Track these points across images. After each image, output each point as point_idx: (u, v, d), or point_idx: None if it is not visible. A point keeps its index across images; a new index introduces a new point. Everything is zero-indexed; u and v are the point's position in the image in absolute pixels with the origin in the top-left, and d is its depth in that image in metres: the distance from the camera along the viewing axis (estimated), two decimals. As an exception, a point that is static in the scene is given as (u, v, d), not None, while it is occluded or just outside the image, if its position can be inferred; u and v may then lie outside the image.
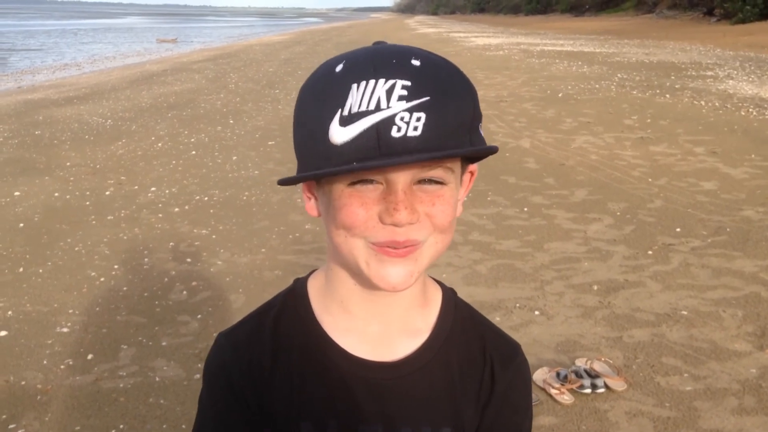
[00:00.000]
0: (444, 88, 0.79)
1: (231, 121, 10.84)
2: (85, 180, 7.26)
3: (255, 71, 19.19)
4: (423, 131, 0.76)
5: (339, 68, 0.81)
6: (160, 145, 9.09)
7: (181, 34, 52.01)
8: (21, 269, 4.84)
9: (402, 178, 0.80)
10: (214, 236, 5.50)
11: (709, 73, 17.66)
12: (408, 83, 0.77)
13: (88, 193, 6.76)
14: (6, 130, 10.11)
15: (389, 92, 0.76)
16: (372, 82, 0.77)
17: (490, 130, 9.78)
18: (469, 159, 0.90)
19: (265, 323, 0.98)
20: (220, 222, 5.85)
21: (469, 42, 35.35)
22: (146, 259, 5.02)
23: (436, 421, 0.96)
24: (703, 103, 12.23)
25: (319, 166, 0.80)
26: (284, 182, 0.84)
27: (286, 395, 0.95)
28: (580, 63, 20.94)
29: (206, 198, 6.57)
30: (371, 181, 0.81)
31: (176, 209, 6.22)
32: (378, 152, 0.76)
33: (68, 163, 8.00)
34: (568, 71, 18.32)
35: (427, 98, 0.77)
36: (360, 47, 0.86)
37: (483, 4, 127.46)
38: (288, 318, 0.98)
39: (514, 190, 6.75)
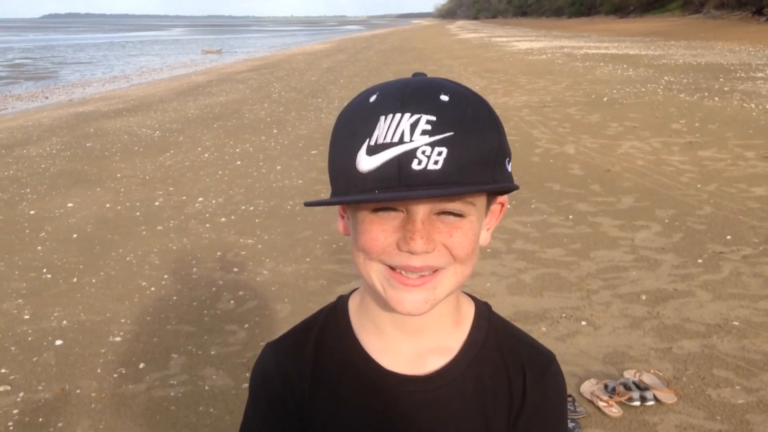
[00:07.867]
0: (469, 123, 0.82)
1: (275, 131, 10.98)
2: (135, 191, 7.43)
3: (298, 80, 19.39)
4: (443, 165, 0.79)
5: (372, 99, 0.85)
6: (206, 155, 9.26)
7: (226, 45, 52.92)
8: (75, 279, 4.99)
9: (421, 209, 0.84)
10: (259, 246, 5.58)
11: (759, 74, 17.24)
12: (433, 118, 0.80)
13: (138, 203, 6.92)
14: (59, 143, 10.41)
15: (413, 126, 0.80)
16: (398, 115, 0.81)
17: (534, 136, 9.71)
18: (495, 191, 0.92)
19: (309, 338, 1.04)
20: (265, 231, 5.93)
21: (510, 46, 35.14)
22: (194, 269, 5.12)
23: None
24: (753, 105, 11.94)
25: (348, 190, 0.84)
26: (311, 204, 0.87)
27: (323, 407, 1.00)
28: (625, 66, 20.65)
29: (251, 208, 6.67)
30: (393, 209, 0.85)
31: (223, 219, 6.33)
32: (398, 183, 0.80)
33: (119, 175, 8.20)
34: (612, 75, 18.07)
35: (451, 133, 0.80)
36: (397, 78, 0.89)
37: (525, 8, 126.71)
38: (330, 334, 1.03)
39: (559, 197, 6.68)
